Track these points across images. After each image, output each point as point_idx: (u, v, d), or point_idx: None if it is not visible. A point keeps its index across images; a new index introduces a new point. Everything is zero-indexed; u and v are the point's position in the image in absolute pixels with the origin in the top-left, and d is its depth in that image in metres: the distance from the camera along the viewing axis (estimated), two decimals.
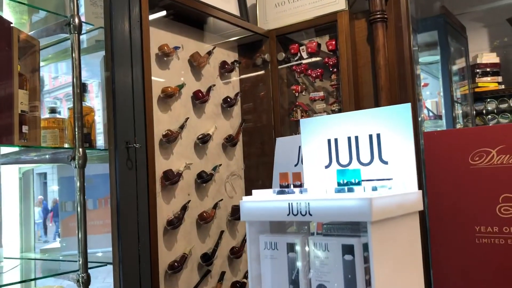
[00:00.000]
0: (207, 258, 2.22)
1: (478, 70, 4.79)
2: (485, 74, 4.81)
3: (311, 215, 0.82)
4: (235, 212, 2.43)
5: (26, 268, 1.99)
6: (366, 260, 0.79)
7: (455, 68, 4.62)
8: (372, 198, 0.76)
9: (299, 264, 0.85)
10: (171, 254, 2.09)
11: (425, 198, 2.01)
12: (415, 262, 0.93)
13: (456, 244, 1.88)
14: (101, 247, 1.91)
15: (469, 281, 1.84)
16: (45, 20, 1.99)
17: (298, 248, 0.85)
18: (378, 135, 0.99)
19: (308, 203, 0.82)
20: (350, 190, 0.82)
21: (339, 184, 0.87)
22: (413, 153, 0.93)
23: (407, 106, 0.96)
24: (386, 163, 0.97)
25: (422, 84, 4.35)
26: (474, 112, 4.81)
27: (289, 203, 0.85)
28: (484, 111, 4.79)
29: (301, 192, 0.87)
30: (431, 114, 4.72)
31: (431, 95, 4.75)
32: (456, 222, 1.89)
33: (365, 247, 0.79)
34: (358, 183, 0.86)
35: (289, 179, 0.93)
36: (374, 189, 0.83)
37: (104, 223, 1.99)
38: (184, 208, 2.15)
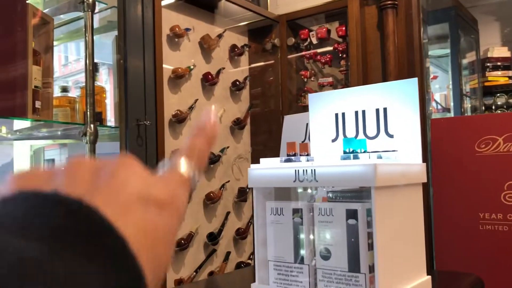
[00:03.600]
0: (213, 238, 2.26)
1: (488, 64, 4.77)
2: (495, 68, 4.78)
3: (317, 181, 0.85)
4: (242, 194, 2.46)
5: None
6: (369, 225, 0.81)
7: (465, 61, 4.60)
8: (376, 164, 0.79)
9: (304, 228, 0.88)
10: (178, 232, 2.13)
11: (431, 185, 2.03)
12: (417, 232, 0.95)
13: (460, 230, 1.90)
14: None
15: (471, 267, 1.86)
16: None
17: (303, 213, 0.88)
18: (385, 109, 1.01)
19: (314, 170, 0.85)
20: (356, 157, 0.84)
21: (345, 152, 0.89)
22: (418, 127, 0.95)
23: (414, 81, 0.98)
24: (392, 136, 0.99)
25: (432, 76, 4.34)
26: (483, 106, 4.79)
27: (295, 170, 0.87)
28: (493, 106, 4.78)
29: (307, 160, 0.90)
30: (439, 107, 4.71)
31: (440, 89, 4.73)
32: (460, 209, 1.91)
33: (369, 212, 0.81)
34: (364, 152, 0.89)
35: (296, 148, 0.96)
36: (379, 157, 0.85)
37: None
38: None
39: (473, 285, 1.13)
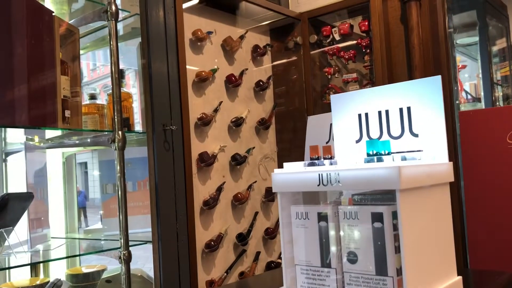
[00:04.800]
0: (242, 238, 2.28)
1: None
2: None
3: (340, 185, 0.85)
4: (269, 194, 2.47)
5: (71, 246, 2.10)
6: (395, 227, 0.81)
7: (495, 49, 4.47)
8: (400, 166, 0.78)
9: (329, 233, 0.88)
10: (208, 233, 2.16)
11: (461, 179, 1.99)
12: (446, 232, 0.94)
13: (493, 224, 1.85)
14: (140, 227, 1.99)
15: (506, 263, 1.81)
16: (83, 9, 2.07)
17: (328, 217, 0.88)
18: (409, 108, 1.00)
19: (338, 173, 0.84)
20: (379, 160, 0.84)
21: (368, 155, 0.89)
22: (443, 125, 0.94)
23: (438, 78, 0.96)
24: (416, 135, 0.98)
25: (460, 66, 4.23)
26: None
27: (319, 174, 0.87)
28: None
29: (331, 163, 0.90)
30: (469, 97, 4.60)
31: (470, 78, 4.62)
32: (493, 203, 1.86)
33: (394, 215, 0.81)
34: (388, 154, 0.88)
35: (320, 151, 0.96)
36: (403, 158, 0.84)
37: (143, 205, 2.07)
38: (219, 189, 2.20)
39: (506, 284, 1.11)
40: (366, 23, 2.40)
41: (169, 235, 1.81)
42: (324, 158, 0.94)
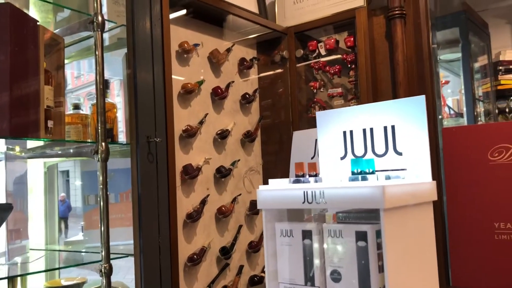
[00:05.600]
0: (226, 252, 2.26)
1: (501, 67, 4.72)
2: (508, 71, 4.73)
3: (325, 202, 0.84)
4: (253, 207, 2.46)
5: (51, 259, 2.06)
6: (379, 246, 0.81)
7: (477, 65, 4.56)
8: (385, 185, 0.78)
9: (314, 250, 0.88)
10: (191, 247, 2.14)
11: (444, 195, 2.00)
12: (429, 251, 0.94)
13: (475, 241, 1.87)
14: (122, 240, 1.96)
15: (487, 277, 1.83)
16: (69, 18, 2.06)
17: (313, 235, 0.88)
18: (393, 127, 1.00)
19: (323, 191, 0.84)
20: (364, 178, 0.84)
21: (353, 173, 0.89)
22: (427, 144, 0.95)
23: (422, 98, 0.98)
24: (400, 154, 0.99)
25: (443, 81, 4.30)
26: (497, 110, 4.74)
27: (304, 191, 0.87)
28: (507, 109, 4.72)
29: (316, 181, 0.90)
30: (452, 112, 4.66)
31: (453, 93, 4.69)
32: (475, 219, 1.88)
33: (378, 234, 0.81)
34: (372, 173, 0.88)
35: (305, 169, 0.96)
36: (388, 177, 0.85)
37: (125, 217, 2.04)
38: (203, 202, 2.19)
39: None
40: (352, 38, 2.42)
41: (151, 248, 1.79)
42: (309, 175, 0.94)
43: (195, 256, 2.10)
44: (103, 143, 1.66)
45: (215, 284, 2.23)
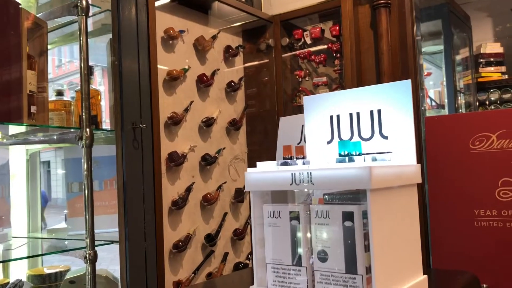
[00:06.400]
0: (211, 239, 2.27)
1: (481, 60, 4.80)
2: (488, 64, 4.82)
3: (313, 184, 0.86)
4: (238, 194, 2.47)
5: (34, 246, 2.04)
6: (365, 226, 0.82)
7: (458, 58, 4.62)
8: (371, 166, 0.79)
9: (301, 231, 0.89)
10: (176, 234, 2.14)
11: (426, 183, 2.04)
12: (413, 231, 0.96)
13: (456, 228, 1.91)
14: (106, 227, 1.95)
15: (467, 264, 1.87)
16: (52, 2, 2.02)
17: (300, 216, 0.89)
18: (379, 111, 1.02)
19: (310, 173, 0.85)
20: (351, 160, 0.85)
21: (340, 155, 0.90)
22: (412, 128, 0.96)
23: (407, 83, 0.99)
24: (386, 138, 1.00)
25: (426, 73, 4.35)
26: (477, 102, 4.82)
27: (292, 173, 0.88)
28: (487, 101, 4.81)
29: (303, 163, 0.91)
30: (434, 103, 4.73)
31: (435, 85, 4.75)
32: (456, 206, 1.92)
33: (365, 214, 0.82)
34: (359, 155, 0.90)
35: (292, 151, 0.97)
36: (374, 159, 0.86)
37: (109, 204, 2.03)
38: (189, 190, 2.19)
39: (468, 283, 1.14)
40: (337, 28, 2.44)
41: (137, 235, 1.78)
42: (297, 158, 0.95)
43: (180, 243, 2.10)
44: (88, 129, 1.64)
45: (200, 271, 2.23)
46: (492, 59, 4.81)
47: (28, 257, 1.97)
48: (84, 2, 1.67)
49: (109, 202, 2.04)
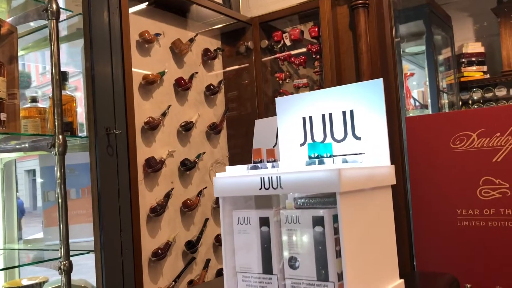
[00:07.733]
0: (192, 246, 2.22)
1: (463, 60, 4.83)
2: (470, 63, 4.85)
3: (282, 188, 0.82)
4: None
5: (10, 257, 1.98)
6: (337, 231, 0.79)
7: (441, 58, 4.65)
8: (341, 168, 0.76)
9: (271, 237, 0.86)
10: (155, 241, 2.09)
11: (408, 183, 2.02)
12: (388, 235, 0.93)
13: (438, 228, 1.90)
14: (85, 236, 1.91)
15: (451, 264, 1.86)
16: (24, 6, 1.97)
17: (270, 222, 0.86)
18: (352, 112, 0.99)
19: (279, 177, 0.82)
20: (321, 162, 0.82)
21: (310, 157, 0.87)
22: (385, 128, 0.94)
23: (379, 81, 0.96)
24: (359, 138, 0.98)
25: (408, 74, 4.37)
26: (460, 101, 4.85)
27: (261, 178, 0.85)
28: (469, 101, 4.84)
29: (273, 166, 0.87)
30: (417, 104, 4.75)
31: (418, 86, 4.77)
32: (438, 206, 1.91)
33: (336, 218, 0.79)
34: (330, 157, 0.87)
35: (263, 155, 0.93)
36: (344, 161, 0.83)
37: (87, 213, 1.98)
38: (168, 196, 2.14)
39: (448, 285, 1.12)
40: (316, 29, 2.41)
41: (113, 244, 1.73)
42: (268, 161, 0.92)
43: (159, 251, 2.05)
44: (60, 136, 1.60)
45: (181, 279, 2.19)
46: (473, 59, 4.84)
47: (3, 269, 1.91)
48: (54, 6, 1.63)
49: (87, 210, 1.99)
